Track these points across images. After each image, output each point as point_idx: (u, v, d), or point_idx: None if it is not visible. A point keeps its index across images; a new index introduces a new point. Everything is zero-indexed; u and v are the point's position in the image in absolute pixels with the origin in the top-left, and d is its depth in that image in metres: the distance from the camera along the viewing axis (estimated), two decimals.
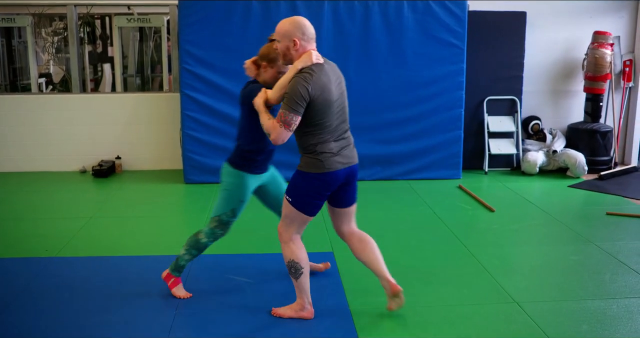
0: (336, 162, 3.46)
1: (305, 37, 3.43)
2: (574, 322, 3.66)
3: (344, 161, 3.51)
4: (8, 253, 4.83)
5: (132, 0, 7.79)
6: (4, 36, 9.31)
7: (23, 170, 7.71)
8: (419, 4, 7.00)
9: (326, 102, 3.39)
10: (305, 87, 3.30)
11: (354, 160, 3.60)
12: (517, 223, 5.67)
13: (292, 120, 3.31)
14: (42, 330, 3.55)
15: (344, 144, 3.54)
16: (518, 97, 7.76)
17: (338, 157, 3.48)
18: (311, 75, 3.33)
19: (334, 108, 3.46)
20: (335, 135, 3.50)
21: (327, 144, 3.46)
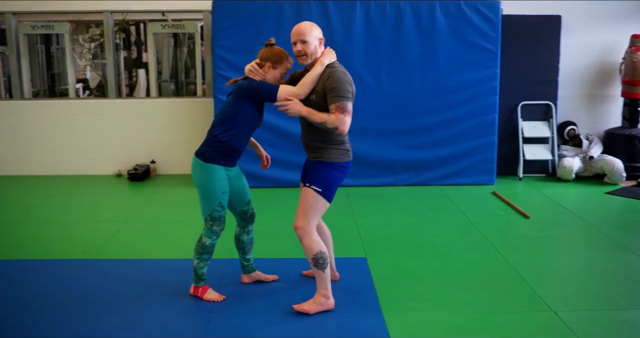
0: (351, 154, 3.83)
1: (323, 38, 3.78)
2: (613, 332, 3.59)
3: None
4: (46, 255, 4.91)
5: (167, 7, 7.88)
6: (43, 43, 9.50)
7: (60, 173, 7.84)
8: (451, 8, 6.96)
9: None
10: (348, 76, 3.65)
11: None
12: (553, 230, 5.59)
13: (351, 107, 3.61)
14: (79, 331, 3.59)
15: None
16: (553, 102, 7.67)
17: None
18: (343, 68, 3.70)
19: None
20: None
21: (346, 136, 3.78)
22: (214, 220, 3.88)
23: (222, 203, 3.85)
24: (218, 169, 3.81)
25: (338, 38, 6.93)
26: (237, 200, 4.05)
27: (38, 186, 7.32)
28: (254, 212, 4.16)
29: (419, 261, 4.75)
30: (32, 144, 7.81)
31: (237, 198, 4.04)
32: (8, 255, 4.92)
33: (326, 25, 6.93)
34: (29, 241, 5.29)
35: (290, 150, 6.97)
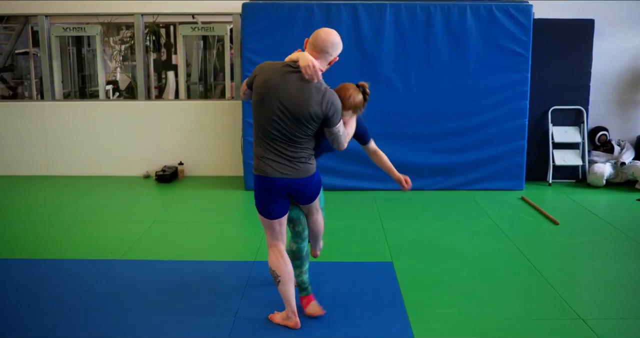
0: (266, 168, 3.47)
1: (309, 44, 3.59)
2: None
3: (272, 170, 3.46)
4: (74, 255, 4.97)
5: (197, 10, 7.94)
6: (74, 45, 9.63)
7: (89, 174, 7.94)
8: (482, 12, 6.90)
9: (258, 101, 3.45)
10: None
11: (294, 175, 3.50)
12: (583, 236, 5.50)
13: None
14: (106, 331, 3.63)
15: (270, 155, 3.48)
16: (584, 107, 7.56)
17: (263, 164, 3.47)
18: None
19: (267, 113, 3.41)
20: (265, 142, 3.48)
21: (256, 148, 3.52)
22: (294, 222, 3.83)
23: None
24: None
25: (367, 41, 6.92)
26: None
27: (67, 186, 7.41)
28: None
29: (445, 266, 4.71)
30: (62, 145, 7.92)
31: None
32: (37, 255, 4.99)
33: (355, 29, 6.93)
34: (57, 241, 5.35)
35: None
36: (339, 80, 7.09)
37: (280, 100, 3.34)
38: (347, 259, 4.87)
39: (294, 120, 3.36)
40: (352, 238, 5.43)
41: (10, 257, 4.93)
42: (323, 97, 3.37)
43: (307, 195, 3.60)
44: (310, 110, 3.33)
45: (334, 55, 3.54)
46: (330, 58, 3.53)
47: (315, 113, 3.34)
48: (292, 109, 3.34)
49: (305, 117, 3.34)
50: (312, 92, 3.35)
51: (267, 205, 3.54)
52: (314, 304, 3.83)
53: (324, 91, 3.40)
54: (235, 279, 4.39)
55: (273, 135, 3.41)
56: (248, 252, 5.00)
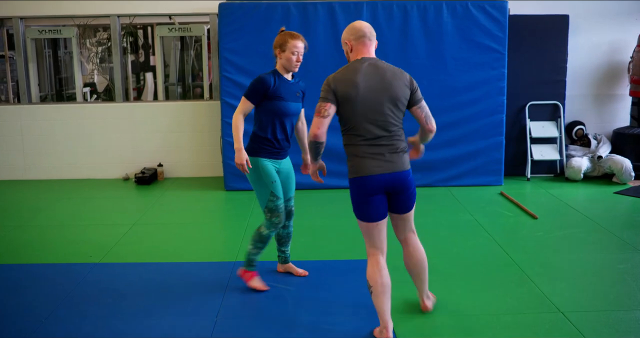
0: (368, 167, 3.40)
1: (353, 37, 3.54)
2: (622, 333, 3.56)
3: (383, 167, 3.41)
4: (53, 259, 4.93)
5: (173, 11, 7.90)
6: (50, 47, 9.53)
7: (67, 177, 7.87)
8: (458, 8, 6.94)
9: (352, 101, 3.39)
10: (338, 74, 3.45)
11: (399, 168, 3.48)
12: (561, 230, 5.56)
13: (320, 107, 3.41)
14: (86, 334, 3.60)
15: (384, 150, 3.46)
16: (561, 101, 7.63)
17: (371, 161, 3.41)
18: (343, 69, 3.48)
19: (367, 109, 3.40)
20: (372, 139, 3.43)
21: (359, 148, 3.43)
22: (271, 211, 4.00)
23: (275, 192, 3.99)
24: (262, 161, 3.99)
25: None
26: (285, 192, 4.21)
27: (45, 190, 7.34)
28: (293, 209, 4.31)
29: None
30: (39, 148, 7.84)
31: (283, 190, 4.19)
32: (15, 260, 4.94)
33: (332, 27, 6.94)
34: (35, 245, 5.30)
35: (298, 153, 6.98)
36: (317, 78, 7.11)
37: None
38: (329, 257, 4.87)
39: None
40: (333, 236, 5.44)
41: None
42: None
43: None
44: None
45: (345, 39, 3.60)
46: (346, 40, 3.59)
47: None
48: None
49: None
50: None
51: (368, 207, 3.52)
52: (258, 278, 4.15)
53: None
54: (216, 280, 4.38)
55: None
56: (229, 252, 5.00)
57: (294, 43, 3.96)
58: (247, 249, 4.15)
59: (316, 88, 7.15)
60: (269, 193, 3.98)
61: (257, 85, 3.94)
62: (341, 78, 3.41)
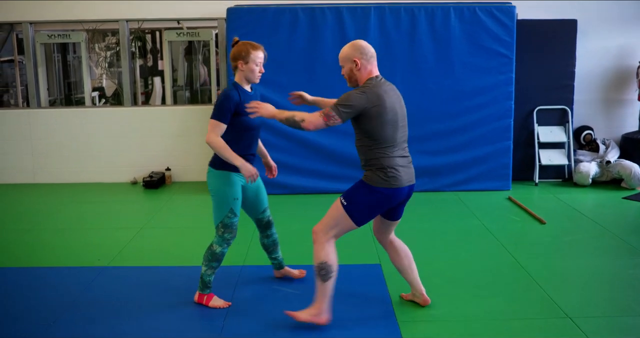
0: (402, 179, 3.59)
1: (364, 56, 3.59)
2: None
3: (408, 178, 3.64)
4: (61, 262, 4.95)
5: (182, 15, 7.93)
6: (59, 51, 9.59)
7: (76, 181, 7.90)
8: (466, 13, 6.94)
9: (385, 115, 3.50)
10: (367, 93, 3.48)
11: (414, 178, 3.73)
12: (569, 235, 5.54)
13: (336, 116, 3.47)
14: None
15: (402, 163, 3.63)
16: (569, 106, 7.61)
17: (404, 174, 3.60)
18: (371, 88, 3.53)
19: (395, 123, 3.56)
20: (399, 151, 3.61)
21: (392, 160, 3.57)
22: (225, 227, 3.91)
23: (234, 209, 3.88)
24: (229, 175, 3.86)
25: None
26: (252, 209, 4.15)
27: (54, 194, 7.37)
28: (271, 219, 4.25)
29: (433, 267, 4.72)
30: (48, 152, 7.88)
31: (252, 206, 4.13)
32: (23, 263, 4.96)
33: (340, 32, 6.95)
34: (44, 249, 5.33)
35: (305, 157, 7.01)
36: (324, 83, 7.14)
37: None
38: None
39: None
40: (339, 240, 5.40)
41: None
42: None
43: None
44: None
45: (354, 57, 3.63)
46: (349, 64, 3.65)
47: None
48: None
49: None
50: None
51: (374, 215, 3.70)
52: (217, 298, 4.06)
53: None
54: (224, 283, 4.38)
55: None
56: (236, 256, 5.00)
57: (257, 54, 3.84)
58: (200, 272, 4.04)
59: (325, 93, 7.17)
60: (228, 209, 3.86)
61: (225, 104, 3.72)
62: (376, 93, 3.50)
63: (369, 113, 3.47)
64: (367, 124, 3.50)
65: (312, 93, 7.10)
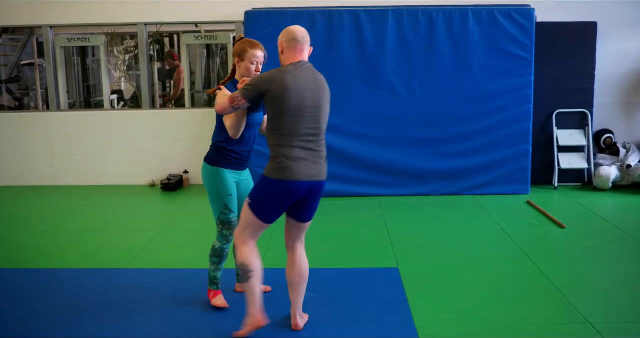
0: (298, 172, 3.38)
1: (287, 41, 3.51)
2: None
3: (309, 173, 3.40)
4: (80, 264, 4.98)
5: (200, 19, 7.97)
6: (79, 55, 9.67)
7: (95, 183, 7.96)
8: (484, 16, 6.91)
9: (287, 101, 3.36)
10: (268, 74, 3.42)
11: (320, 176, 3.47)
12: (589, 240, 5.48)
13: (239, 97, 3.45)
14: None
15: (301, 155, 3.40)
16: (589, 110, 7.54)
17: (302, 168, 3.39)
18: (278, 70, 3.45)
19: (300, 112, 3.38)
20: (300, 142, 3.40)
21: (285, 150, 3.39)
22: (222, 223, 3.94)
23: (228, 206, 3.90)
24: (223, 172, 3.89)
25: (370, 47, 6.93)
26: (239, 207, 4.04)
27: (73, 196, 7.43)
28: None
29: (452, 272, 4.70)
30: (67, 154, 7.94)
31: (240, 204, 4.05)
32: (43, 264, 5.00)
33: (358, 35, 6.94)
34: (63, 250, 5.36)
35: None
36: (343, 85, 7.14)
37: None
38: (353, 265, 4.86)
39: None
40: (357, 244, 5.43)
41: (16, 266, 4.94)
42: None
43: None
44: None
45: (279, 42, 3.58)
46: (279, 43, 3.58)
47: None
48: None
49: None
50: None
51: (278, 210, 3.55)
52: (221, 297, 4.05)
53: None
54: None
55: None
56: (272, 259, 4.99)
57: (253, 52, 3.80)
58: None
59: (343, 96, 7.18)
60: (222, 205, 3.87)
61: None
62: (281, 77, 3.40)
63: (271, 96, 3.36)
64: (269, 108, 3.40)
65: None
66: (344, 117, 6.99)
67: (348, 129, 7.02)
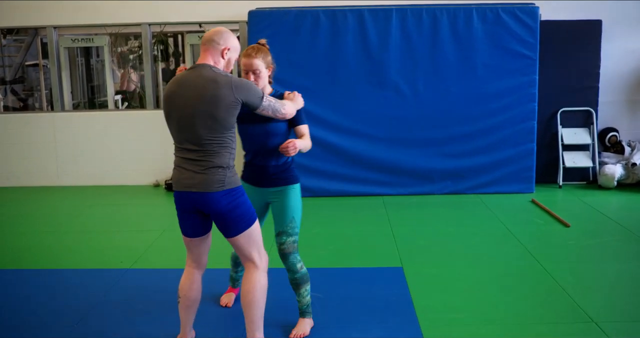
0: (175, 182, 3.23)
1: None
2: None
3: (182, 184, 3.17)
4: (85, 264, 4.98)
5: (203, 18, 7.97)
6: (83, 56, 9.69)
7: (99, 183, 7.97)
8: (488, 15, 6.89)
9: (164, 106, 3.23)
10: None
11: (198, 186, 3.11)
12: (594, 239, 5.46)
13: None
14: None
15: (182, 164, 3.19)
16: (594, 108, 7.52)
17: (177, 177, 3.22)
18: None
19: (174, 120, 3.19)
20: (179, 151, 3.24)
21: (175, 158, 3.26)
22: None
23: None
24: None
25: (374, 47, 6.93)
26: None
27: (77, 196, 7.44)
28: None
29: (456, 271, 4.69)
30: (72, 155, 7.96)
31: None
32: (47, 265, 5.00)
33: (362, 34, 6.93)
34: (67, 251, 5.37)
35: (328, 160, 7.01)
36: (346, 84, 7.14)
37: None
38: (357, 265, 4.86)
39: None
40: (361, 243, 5.42)
41: (20, 267, 4.95)
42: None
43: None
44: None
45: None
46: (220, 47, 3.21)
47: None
48: None
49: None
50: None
51: (181, 221, 3.33)
52: (228, 295, 4.13)
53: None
54: None
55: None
56: None
57: (242, 60, 3.55)
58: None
59: (346, 95, 7.17)
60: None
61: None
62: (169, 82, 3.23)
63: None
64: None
65: (333, 95, 7.15)
66: (348, 117, 6.99)
67: (352, 129, 7.02)
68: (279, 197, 3.60)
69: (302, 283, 3.64)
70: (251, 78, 3.49)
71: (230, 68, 3.30)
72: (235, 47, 3.26)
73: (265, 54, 3.56)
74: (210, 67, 3.15)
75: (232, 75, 3.16)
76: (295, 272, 3.60)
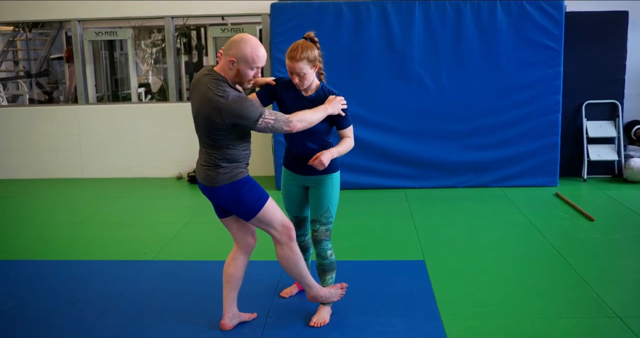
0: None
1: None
2: None
3: (198, 176, 3.52)
4: (109, 256, 5.04)
5: (226, 11, 7.99)
6: (107, 49, 9.77)
7: (123, 176, 8.05)
8: (513, 6, 6.82)
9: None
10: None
11: (202, 180, 3.45)
12: (619, 233, 5.40)
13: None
14: (140, 331, 3.67)
15: (199, 155, 3.55)
16: (619, 100, 7.42)
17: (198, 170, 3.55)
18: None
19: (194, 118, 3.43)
20: (200, 146, 3.53)
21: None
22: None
23: (284, 204, 3.88)
24: (283, 170, 3.88)
25: (397, 39, 6.89)
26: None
27: (101, 188, 7.52)
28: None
29: (479, 265, 4.66)
30: (96, 148, 8.04)
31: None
32: (71, 256, 5.07)
33: (385, 27, 6.90)
34: (92, 242, 5.43)
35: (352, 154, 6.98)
36: (369, 77, 7.11)
37: None
38: (379, 258, 4.85)
39: None
40: (383, 236, 5.42)
41: (46, 258, 5.03)
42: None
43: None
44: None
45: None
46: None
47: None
48: None
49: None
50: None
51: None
52: (290, 288, 4.16)
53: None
54: (267, 279, 4.41)
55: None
56: None
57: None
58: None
59: (369, 88, 7.15)
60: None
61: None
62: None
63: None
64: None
65: (356, 88, 7.14)
66: (371, 109, 6.97)
67: (375, 121, 7.00)
68: (318, 184, 3.71)
69: (329, 270, 3.75)
70: (296, 80, 3.54)
71: (245, 79, 3.30)
72: (244, 58, 3.23)
73: (311, 51, 3.52)
74: (212, 74, 3.27)
75: (228, 95, 3.19)
76: (325, 258, 3.72)
